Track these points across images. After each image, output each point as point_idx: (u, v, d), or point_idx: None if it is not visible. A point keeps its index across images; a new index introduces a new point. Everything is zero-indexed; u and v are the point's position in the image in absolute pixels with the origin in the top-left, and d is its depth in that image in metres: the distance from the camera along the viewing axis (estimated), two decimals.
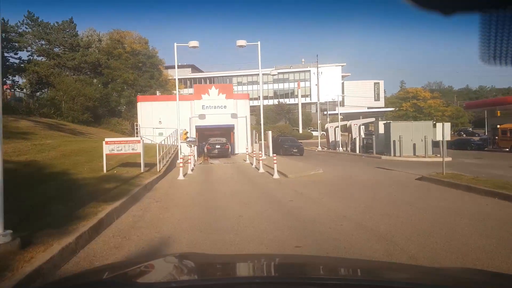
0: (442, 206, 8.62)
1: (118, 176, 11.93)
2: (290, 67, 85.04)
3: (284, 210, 8.15)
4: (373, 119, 40.08)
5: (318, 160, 25.58)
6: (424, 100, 63.72)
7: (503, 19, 0.98)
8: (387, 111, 69.01)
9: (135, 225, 6.63)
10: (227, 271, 2.05)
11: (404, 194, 10.49)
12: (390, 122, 28.38)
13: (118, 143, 12.82)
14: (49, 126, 25.88)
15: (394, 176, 15.04)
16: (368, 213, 7.77)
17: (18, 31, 36.81)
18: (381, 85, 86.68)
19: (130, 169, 13.53)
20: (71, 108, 34.24)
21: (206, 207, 8.36)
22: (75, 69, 39.34)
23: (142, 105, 28.95)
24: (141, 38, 43.88)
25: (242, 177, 14.71)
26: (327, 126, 42.42)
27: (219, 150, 27.11)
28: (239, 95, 34.62)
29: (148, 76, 42.44)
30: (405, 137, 26.30)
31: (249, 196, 9.93)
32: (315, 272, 2.00)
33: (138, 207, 8.27)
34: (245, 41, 19.77)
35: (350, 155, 31.29)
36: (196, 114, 28.66)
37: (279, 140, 31.45)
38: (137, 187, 9.78)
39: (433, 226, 6.59)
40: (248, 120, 29.83)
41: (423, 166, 19.04)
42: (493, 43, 1.02)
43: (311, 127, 72.65)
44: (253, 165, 19.05)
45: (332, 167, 18.75)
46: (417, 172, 15.41)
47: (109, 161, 15.20)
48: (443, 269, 2.84)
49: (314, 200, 9.35)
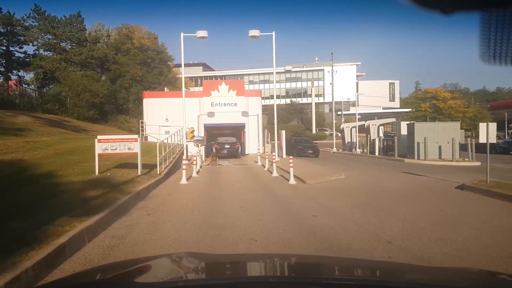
0: (506, 226, 6.74)
1: (110, 179, 10.28)
2: (303, 66, 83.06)
3: (308, 230, 6.35)
4: (393, 119, 37.95)
5: (335, 162, 23.69)
6: (444, 100, 60.99)
7: (503, 18, 0.98)
8: (403, 111, 66.52)
9: (110, 253, 4.91)
10: (230, 270, 2.02)
11: (451, 208, 8.60)
12: (414, 123, 26.34)
13: (112, 142, 11.17)
14: (51, 123, 24.53)
15: (428, 183, 13.10)
16: (417, 237, 5.95)
17: (24, 24, 35.66)
18: (396, 85, 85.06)
19: (127, 171, 11.90)
20: (76, 104, 32.95)
21: (209, 224, 6.60)
22: (82, 65, 38.03)
23: (148, 102, 27.36)
24: (150, 33, 42.46)
25: (253, 182, 12.94)
26: (342, 126, 40.43)
27: (228, 150, 25.45)
28: (251, 92, 32.86)
29: (157, 72, 40.97)
30: (430, 139, 24.31)
31: (262, 209, 8.15)
32: (320, 272, 1.99)
33: (122, 222, 6.57)
34: (258, 31, 18.01)
35: (369, 157, 29.27)
36: (205, 111, 26.97)
37: (292, 140, 29.63)
38: (127, 195, 8.08)
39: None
40: (260, 118, 28.02)
41: (453, 172, 17.08)
42: (493, 43, 1.02)
43: (324, 127, 70.72)
44: (266, 168, 17.27)
45: (354, 171, 16.87)
46: (451, 179, 13.48)
47: (105, 161, 13.63)
48: (443, 269, 2.83)
49: (343, 215, 7.53)
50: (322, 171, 15.82)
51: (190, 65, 78.62)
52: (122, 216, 6.92)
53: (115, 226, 6.28)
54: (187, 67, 74.46)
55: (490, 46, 1.02)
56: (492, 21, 0.98)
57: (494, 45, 1.01)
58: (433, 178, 14.33)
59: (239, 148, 26.54)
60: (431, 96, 63.35)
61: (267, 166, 17.35)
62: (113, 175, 11.18)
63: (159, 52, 41.81)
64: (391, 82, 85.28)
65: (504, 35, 1.00)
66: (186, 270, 1.99)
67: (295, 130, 50.69)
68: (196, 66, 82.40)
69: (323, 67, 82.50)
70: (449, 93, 64.31)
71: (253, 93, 30.61)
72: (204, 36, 17.64)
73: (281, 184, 12.26)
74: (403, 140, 27.42)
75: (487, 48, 1.02)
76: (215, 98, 27.21)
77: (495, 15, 0.98)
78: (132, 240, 5.53)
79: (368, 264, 2.65)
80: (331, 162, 23.87)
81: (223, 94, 27.34)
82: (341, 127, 41.08)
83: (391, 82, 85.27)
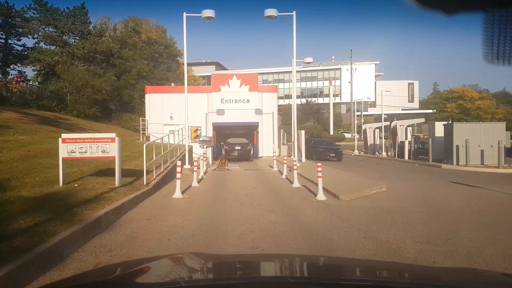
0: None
1: (71, 194, 7.41)
2: (319, 65, 79.96)
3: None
4: (422, 119, 34.50)
5: (363, 168, 20.51)
6: (471, 101, 56.87)
7: (506, 19, 0.98)
8: (425, 112, 62.69)
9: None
10: (232, 271, 1.98)
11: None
12: (452, 123, 22.99)
13: (81, 142, 8.28)
14: (42, 120, 21.99)
15: (496, 199, 9.91)
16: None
17: (24, 16, 33.40)
18: (415, 85, 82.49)
19: (104, 181, 9.03)
20: (76, 101, 30.53)
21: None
22: (85, 59, 35.61)
23: (151, 97, 24.52)
24: (159, 26, 39.86)
25: (269, 196, 9.91)
26: (365, 127, 37.07)
27: (239, 152, 22.56)
28: (265, 87, 29.79)
29: (165, 68, 38.33)
30: (471, 141, 21.02)
31: (286, 247, 5.14)
32: (325, 272, 1.96)
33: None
34: (276, 11, 14.99)
35: (397, 162, 25.94)
36: (214, 109, 24.02)
37: (312, 141, 26.53)
38: (75, 225, 5.13)
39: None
40: (275, 116, 24.95)
41: (509, 181, 13.95)
42: (497, 43, 1.02)
43: (341, 128, 67.39)
44: (283, 175, 14.24)
45: (392, 180, 13.71)
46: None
47: (82, 166, 10.83)
48: (444, 269, 2.81)
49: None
50: (355, 180, 12.70)
51: (203, 64, 76.35)
52: (38, 276, 3.97)
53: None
54: (200, 66, 72.06)
55: (494, 46, 1.01)
56: (495, 21, 0.98)
57: (498, 45, 1.01)
58: (494, 191, 11.18)
59: (251, 150, 23.60)
60: (457, 96, 59.21)
61: (285, 173, 14.32)
62: (82, 186, 8.31)
63: (168, 46, 39.19)
64: (410, 83, 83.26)
65: (507, 35, 0.99)
66: (191, 270, 1.93)
67: (312, 131, 47.47)
68: (209, 65, 79.96)
69: (340, 66, 79.32)
70: (476, 93, 60.07)
71: (268, 89, 27.43)
72: (210, 17, 14.71)
73: (306, 201, 9.19)
74: (437, 143, 24.21)
75: (490, 48, 1.02)
76: (226, 93, 24.25)
77: (498, 16, 0.98)
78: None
79: (368, 264, 2.59)
80: (358, 167, 20.68)
81: (234, 89, 24.35)
82: (363, 128, 37.72)
83: (410, 82, 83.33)
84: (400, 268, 2.41)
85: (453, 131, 21.97)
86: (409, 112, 66.10)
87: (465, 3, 0.99)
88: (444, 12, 0.99)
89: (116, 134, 8.55)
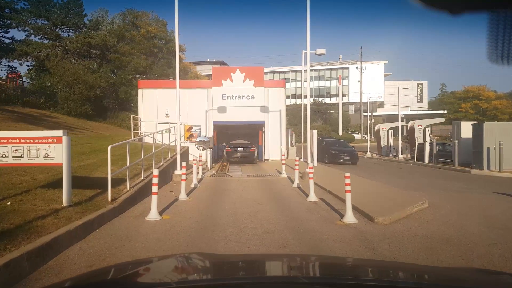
0: None
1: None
2: (327, 64, 77.47)
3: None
4: (441, 119, 31.84)
5: (382, 173, 17.98)
6: (487, 100, 54.01)
7: (511, 19, 0.98)
8: (437, 113, 59.98)
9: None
10: (235, 271, 1.93)
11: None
12: (483, 123, 20.41)
13: (15, 143, 5.89)
14: (20, 118, 19.70)
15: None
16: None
17: (14, 7, 31.21)
18: (424, 86, 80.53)
19: (56, 195, 6.64)
20: (68, 97, 28.26)
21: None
22: (80, 54, 33.35)
23: (145, 93, 22.13)
24: (158, 19, 37.55)
25: (280, 218, 7.41)
26: (378, 128, 34.52)
27: (242, 153, 20.22)
28: (272, 82, 27.23)
29: (164, 63, 35.99)
30: (505, 143, 18.58)
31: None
32: (328, 271, 1.92)
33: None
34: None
35: (418, 166, 23.36)
36: (215, 106, 21.61)
37: (323, 143, 24.05)
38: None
39: None
40: (283, 115, 22.47)
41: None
42: (501, 43, 1.01)
43: (349, 129, 64.88)
44: (295, 183, 11.76)
45: (426, 190, 11.19)
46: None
47: (39, 174, 8.44)
48: (444, 268, 2.77)
49: None
50: (385, 192, 10.16)
51: (207, 63, 74.09)
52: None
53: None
54: (204, 64, 69.78)
55: (498, 46, 1.01)
56: (500, 21, 0.98)
57: (502, 46, 1.00)
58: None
59: (255, 151, 21.16)
60: (473, 95, 56.36)
61: (296, 181, 11.83)
62: (17, 206, 5.90)
63: (168, 41, 36.80)
64: (419, 83, 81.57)
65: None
66: (194, 270, 1.91)
67: (320, 132, 44.92)
68: (214, 64, 77.73)
69: (348, 65, 76.81)
70: (493, 93, 57.18)
71: (275, 84, 24.86)
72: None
73: (330, 225, 6.69)
74: (464, 144, 21.68)
75: (495, 48, 1.02)
76: (228, 89, 21.80)
77: (503, 16, 0.97)
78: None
79: (368, 264, 2.55)
80: (377, 172, 18.15)
81: (237, 84, 21.89)
82: (376, 128, 35.18)
83: (419, 82, 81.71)
84: (397, 267, 2.31)
85: (483, 131, 19.46)
86: (420, 112, 63.61)
87: (470, 3, 0.98)
88: (449, 12, 0.99)
89: (65, 132, 6.10)
